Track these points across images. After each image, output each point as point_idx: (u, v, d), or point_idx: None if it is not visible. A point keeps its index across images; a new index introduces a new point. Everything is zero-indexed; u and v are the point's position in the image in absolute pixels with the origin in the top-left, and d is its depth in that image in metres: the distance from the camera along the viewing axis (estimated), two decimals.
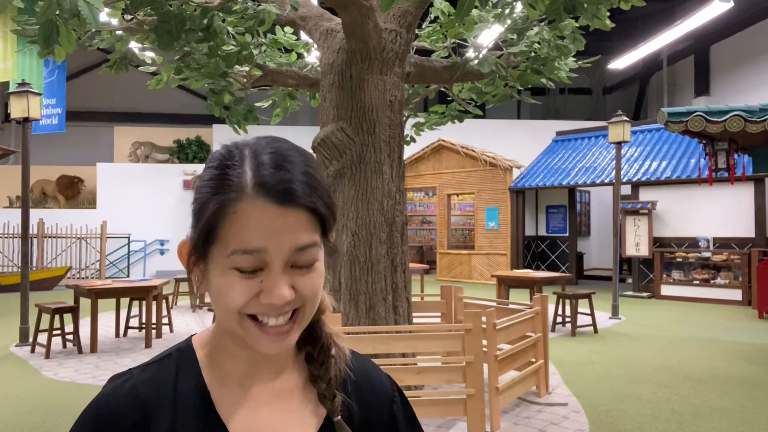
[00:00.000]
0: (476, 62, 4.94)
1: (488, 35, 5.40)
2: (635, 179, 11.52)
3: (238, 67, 5.13)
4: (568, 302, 7.49)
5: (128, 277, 14.86)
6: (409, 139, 6.10)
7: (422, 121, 6.60)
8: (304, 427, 0.71)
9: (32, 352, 6.33)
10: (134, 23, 4.27)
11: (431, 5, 5.10)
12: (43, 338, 6.47)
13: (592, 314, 7.35)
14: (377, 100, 4.46)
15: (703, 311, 9.29)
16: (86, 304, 6.69)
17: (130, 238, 15.52)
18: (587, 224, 15.07)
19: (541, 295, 4.81)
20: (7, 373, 5.50)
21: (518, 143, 14.99)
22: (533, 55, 5.12)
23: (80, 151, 18.55)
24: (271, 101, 6.48)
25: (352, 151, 4.43)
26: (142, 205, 15.80)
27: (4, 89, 14.22)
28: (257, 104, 6.23)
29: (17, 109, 6.93)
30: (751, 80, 13.92)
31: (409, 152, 13.76)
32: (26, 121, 7.04)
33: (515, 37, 5.09)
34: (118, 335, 7.28)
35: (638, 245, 11.14)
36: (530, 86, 5.50)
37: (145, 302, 6.77)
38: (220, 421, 0.67)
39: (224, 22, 4.62)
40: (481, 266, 13.69)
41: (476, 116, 6.18)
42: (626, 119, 8.76)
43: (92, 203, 16.68)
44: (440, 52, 5.61)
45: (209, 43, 4.31)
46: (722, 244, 10.54)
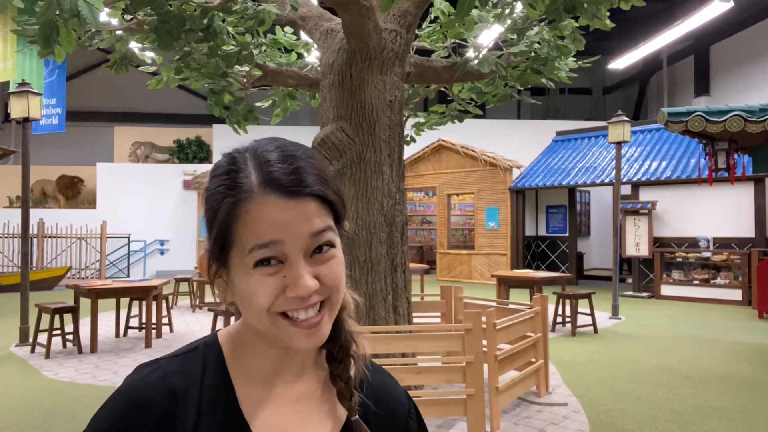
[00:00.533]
0: (476, 62, 4.93)
1: (488, 35, 5.40)
2: (635, 179, 11.52)
3: (238, 67, 5.13)
4: (568, 302, 7.49)
5: (128, 277, 14.86)
6: (409, 139, 6.10)
7: (422, 121, 6.60)
8: (323, 429, 0.71)
9: (32, 352, 6.34)
10: (134, 23, 4.27)
11: (431, 5, 5.09)
12: (43, 338, 6.47)
13: (592, 314, 7.36)
14: (377, 100, 4.45)
15: (703, 311, 9.29)
16: (86, 304, 6.68)
17: (130, 238, 15.53)
18: (587, 224, 15.07)
19: (541, 295, 4.81)
20: (7, 373, 5.50)
21: (518, 143, 14.99)
22: (533, 55, 5.12)
23: (80, 151, 18.56)
24: (271, 101, 6.47)
25: (352, 151, 4.43)
26: (142, 205, 15.81)
27: (4, 89, 14.25)
28: (257, 104, 6.22)
29: (17, 109, 6.93)
30: (751, 80, 13.92)
31: (409, 152, 13.76)
32: (26, 121, 7.04)
33: (515, 37, 5.08)
34: (118, 335, 7.28)
35: (638, 245, 11.14)
36: (530, 86, 5.50)
37: (145, 302, 6.78)
38: (243, 419, 0.68)
39: (224, 22, 4.62)
40: (481, 266, 13.69)
41: (476, 116, 6.18)
42: (626, 119, 8.77)
43: (92, 203, 16.68)
44: (440, 52, 5.61)
45: (209, 43, 4.31)
46: (722, 244, 10.54)
